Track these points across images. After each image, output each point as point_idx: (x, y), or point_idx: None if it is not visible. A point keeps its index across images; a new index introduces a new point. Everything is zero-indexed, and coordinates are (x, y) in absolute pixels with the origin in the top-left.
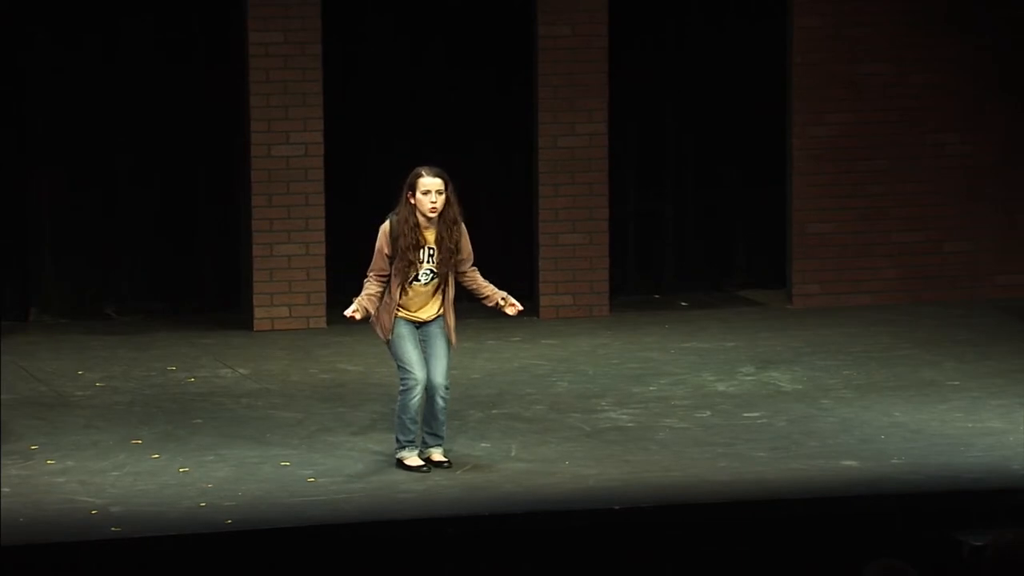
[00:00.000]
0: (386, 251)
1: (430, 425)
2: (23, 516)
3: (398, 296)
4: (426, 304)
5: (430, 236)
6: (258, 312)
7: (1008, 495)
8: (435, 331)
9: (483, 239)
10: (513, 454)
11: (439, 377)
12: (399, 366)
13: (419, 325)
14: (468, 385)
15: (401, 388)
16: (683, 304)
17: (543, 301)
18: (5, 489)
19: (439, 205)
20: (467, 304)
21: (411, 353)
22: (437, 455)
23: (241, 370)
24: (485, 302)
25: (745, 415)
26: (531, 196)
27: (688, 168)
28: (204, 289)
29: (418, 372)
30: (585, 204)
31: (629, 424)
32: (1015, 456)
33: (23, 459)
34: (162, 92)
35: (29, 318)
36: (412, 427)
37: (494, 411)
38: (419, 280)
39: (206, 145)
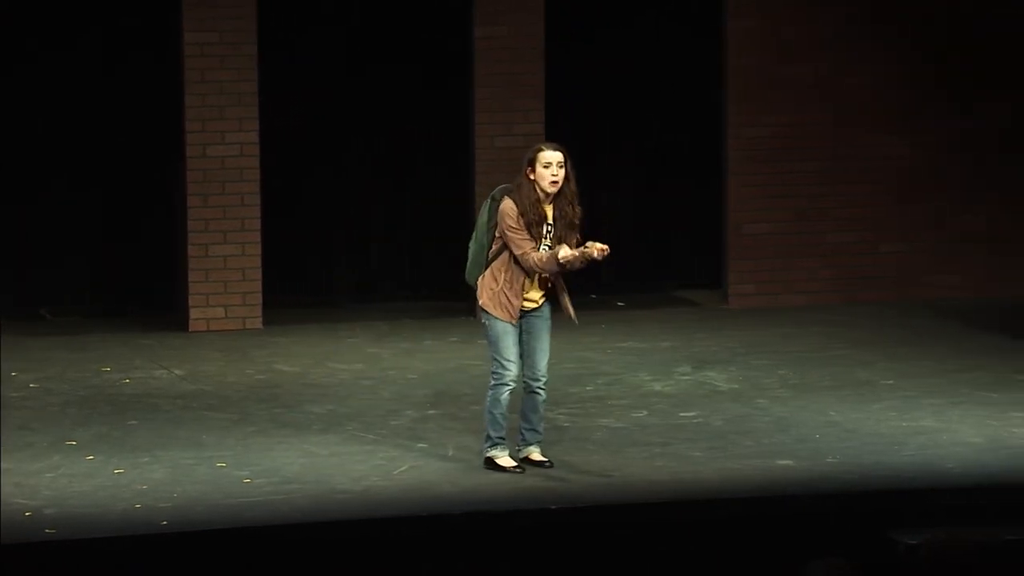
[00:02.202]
0: (521, 226)
1: (529, 420)
2: None
3: (519, 277)
4: (535, 285)
5: (548, 212)
6: (193, 313)
7: (941, 494)
8: (539, 323)
9: (423, 239)
10: (451, 454)
11: (542, 369)
12: (496, 359)
13: (523, 316)
14: (405, 385)
15: (494, 382)
16: (620, 304)
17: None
18: None
19: (560, 178)
20: (403, 304)
21: (512, 350)
22: (536, 454)
23: (176, 371)
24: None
25: (682, 415)
26: (469, 195)
27: (625, 168)
28: (139, 290)
29: (514, 370)
30: None
31: (566, 424)
32: (948, 455)
33: None
34: (97, 92)
35: None
36: (503, 422)
37: (431, 411)
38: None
39: (141, 145)
